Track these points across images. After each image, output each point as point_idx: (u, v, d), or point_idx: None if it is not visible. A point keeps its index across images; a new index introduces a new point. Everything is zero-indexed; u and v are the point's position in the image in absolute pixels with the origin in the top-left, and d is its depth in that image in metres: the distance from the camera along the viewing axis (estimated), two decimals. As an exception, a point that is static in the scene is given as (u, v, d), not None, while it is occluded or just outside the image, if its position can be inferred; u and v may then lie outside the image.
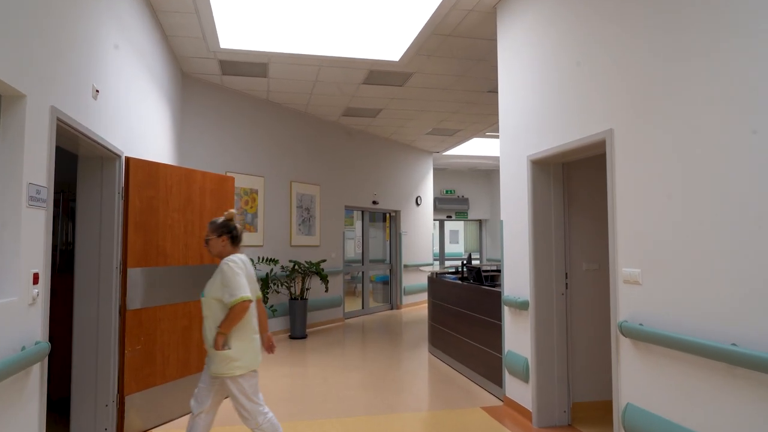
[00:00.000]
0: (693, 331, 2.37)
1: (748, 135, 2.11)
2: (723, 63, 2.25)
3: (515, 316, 4.11)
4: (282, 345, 6.84)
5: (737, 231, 2.16)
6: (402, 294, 10.54)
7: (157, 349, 3.86)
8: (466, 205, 14.36)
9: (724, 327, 2.20)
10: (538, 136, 3.79)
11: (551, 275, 3.89)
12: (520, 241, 4.04)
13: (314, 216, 8.28)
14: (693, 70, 2.41)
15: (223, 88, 6.77)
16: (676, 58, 2.51)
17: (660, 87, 2.61)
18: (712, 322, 2.27)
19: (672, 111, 2.53)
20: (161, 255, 3.90)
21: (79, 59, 2.85)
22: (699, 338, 2.28)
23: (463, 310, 5.34)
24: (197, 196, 4.28)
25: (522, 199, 4.02)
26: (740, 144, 2.15)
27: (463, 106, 7.80)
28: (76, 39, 2.80)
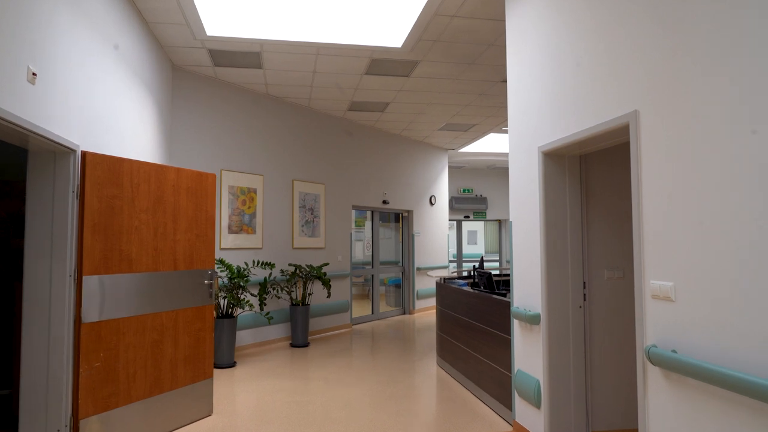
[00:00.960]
0: (744, 365, 1.83)
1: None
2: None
3: (525, 331, 3.59)
4: (281, 354, 6.42)
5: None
6: (415, 298, 10.04)
7: (120, 366, 3.46)
8: (485, 204, 13.78)
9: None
10: (551, 123, 3.27)
11: (566, 285, 3.36)
12: (531, 245, 3.53)
13: (318, 216, 7.85)
14: (746, 30, 1.87)
15: (217, 81, 6.38)
16: (721, 20, 1.97)
17: (698, 57, 2.08)
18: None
19: (714, 87, 2.00)
20: (125, 261, 3.50)
21: (8, 36, 2.45)
22: (752, 375, 1.75)
23: (472, 321, 4.82)
24: (170, 194, 3.87)
25: (533, 197, 3.50)
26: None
27: (475, 98, 7.27)
28: (4, 11, 2.40)
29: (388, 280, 10.15)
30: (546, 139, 3.33)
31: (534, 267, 3.48)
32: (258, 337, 6.75)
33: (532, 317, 3.39)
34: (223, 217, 6.34)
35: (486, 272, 5.25)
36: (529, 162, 3.57)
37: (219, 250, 6.29)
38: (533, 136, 3.51)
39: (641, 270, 2.40)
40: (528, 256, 3.58)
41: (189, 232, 4.02)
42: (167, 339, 3.81)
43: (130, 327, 3.53)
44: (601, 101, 2.73)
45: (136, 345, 3.57)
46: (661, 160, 2.29)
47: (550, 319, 3.31)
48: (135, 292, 3.57)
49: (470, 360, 4.82)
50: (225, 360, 5.71)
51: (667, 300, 2.23)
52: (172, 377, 3.84)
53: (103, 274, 3.35)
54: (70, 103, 3.14)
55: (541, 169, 3.38)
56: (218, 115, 6.40)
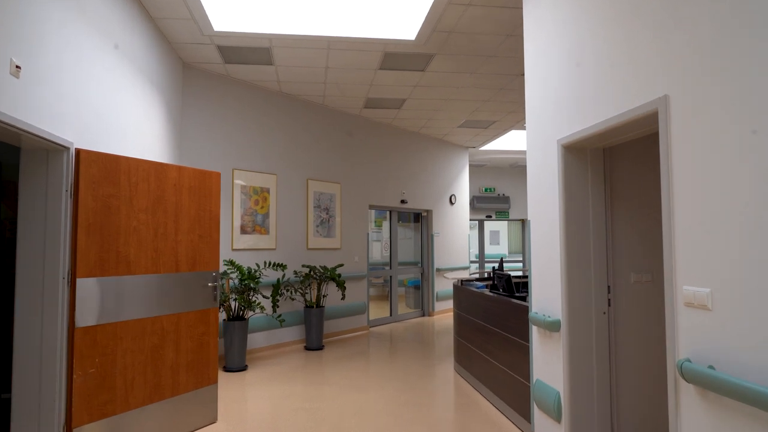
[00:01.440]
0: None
1: None
2: None
3: (544, 338, 3.33)
4: (294, 357, 6.27)
5: None
6: (434, 300, 9.79)
7: (118, 371, 3.32)
8: (507, 204, 13.43)
9: None
10: (571, 114, 3.01)
11: (589, 289, 3.09)
12: (550, 246, 3.27)
13: (334, 216, 7.67)
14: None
15: (228, 79, 6.26)
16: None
17: (739, 32, 1.81)
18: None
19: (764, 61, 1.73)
20: (123, 262, 3.37)
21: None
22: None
23: (489, 326, 4.57)
24: (171, 194, 3.73)
25: (552, 194, 3.24)
26: None
27: (495, 93, 6.99)
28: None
29: (407, 281, 9.93)
30: (566, 132, 3.07)
31: (553, 269, 3.22)
32: (271, 340, 6.61)
33: (551, 324, 3.14)
34: (235, 218, 6.22)
35: (505, 274, 5.00)
36: (547, 156, 3.31)
37: (231, 251, 6.17)
38: (552, 128, 3.25)
39: (672, 274, 2.14)
40: (547, 258, 3.32)
41: (192, 232, 3.87)
42: (168, 344, 3.67)
43: (128, 331, 3.39)
44: (626, 87, 2.46)
45: (135, 350, 3.44)
46: (695, 149, 2.02)
47: (572, 326, 3.05)
48: (134, 295, 3.43)
49: (487, 366, 4.57)
50: (236, 363, 5.58)
51: (703, 308, 1.97)
52: (173, 383, 3.69)
53: (99, 277, 3.22)
54: (63, 100, 3.02)
55: (560, 164, 3.12)
56: (230, 114, 6.28)
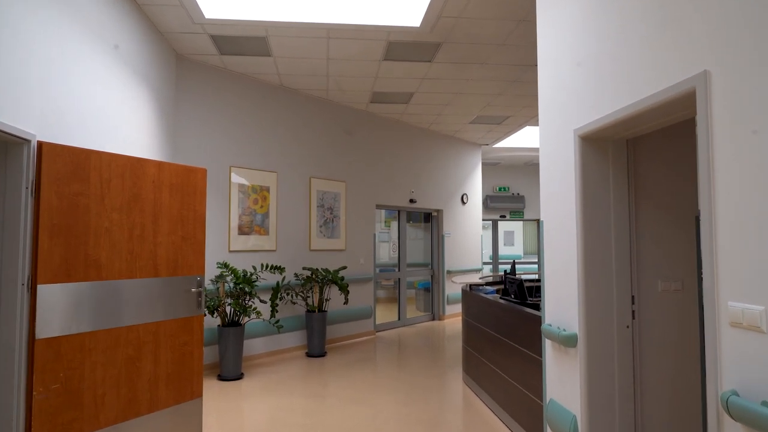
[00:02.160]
0: None
1: None
2: None
3: (559, 353, 2.96)
4: (294, 364, 5.95)
5: None
6: (445, 303, 9.42)
7: (86, 387, 3.03)
8: (522, 203, 13.00)
9: None
10: (589, 100, 2.63)
11: (610, 299, 2.71)
12: (565, 250, 2.89)
13: (338, 216, 7.35)
14: None
15: (226, 71, 5.97)
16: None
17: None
18: None
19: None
20: (93, 267, 3.07)
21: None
22: None
23: (499, 336, 4.21)
24: (150, 191, 3.43)
25: (568, 191, 2.87)
26: None
27: (507, 85, 6.60)
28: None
29: (417, 283, 9.58)
30: (583, 120, 2.70)
31: (569, 276, 2.85)
32: (271, 346, 6.31)
33: (566, 338, 2.76)
34: (232, 217, 5.92)
35: (517, 279, 4.62)
36: (562, 149, 2.94)
37: (228, 252, 5.87)
38: (567, 117, 2.88)
39: (714, 287, 1.76)
40: (562, 264, 2.94)
41: (173, 233, 3.57)
42: (145, 355, 3.37)
43: (98, 342, 3.09)
44: (657, 64, 2.08)
45: (106, 363, 3.14)
46: (743, 136, 1.64)
47: (590, 341, 2.68)
48: (105, 303, 3.13)
49: (497, 380, 4.20)
50: (231, 372, 5.28)
51: (755, 330, 1.59)
52: (151, 398, 3.39)
53: (64, 283, 2.92)
54: (23, 87, 2.72)
55: (578, 157, 2.74)
56: (228, 108, 5.98)
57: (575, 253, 2.77)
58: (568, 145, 2.87)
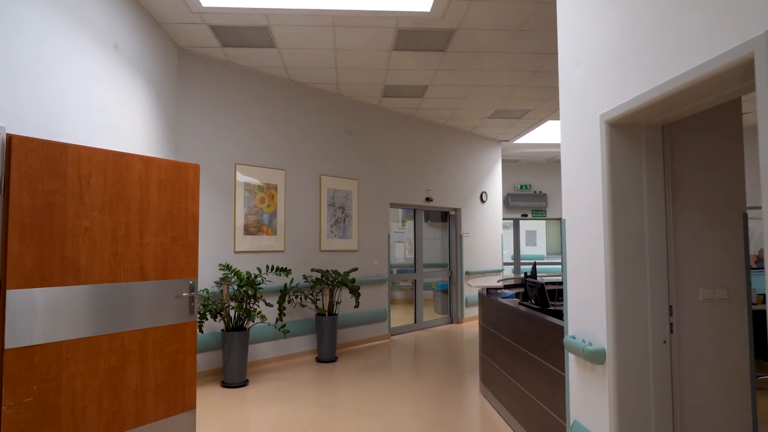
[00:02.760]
0: None
1: None
2: None
3: (584, 370, 2.61)
4: (303, 370, 5.68)
5: None
6: (464, 305, 9.07)
7: (64, 400, 2.79)
8: (545, 201, 12.53)
9: None
10: (619, 81, 2.28)
11: (644, 309, 2.35)
12: (591, 253, 2.54)
13: (350, 216, 7.06)
14: None
15: (230, 65, 5.73)
16: None
17: None
18: None
19: None
20: (70, 270, 2.83)
21: None
22: None
23: (517, 345, 3.86)
24: (135, 189, 3.18)
25: (593, 186, 2.52)
26: None
27: (527, 76, 6.22)
28: None
29: (435, 284, 9.25)
30: (611, 103, 2.35)
31: (596, 284, 2.50)
32: (279, 351, 6.05)
33: (593, 354, 2.41)
34: (237, 217, 5.68)
35: (538, 283, 4.27)
36: (587, 137, 2.59)
37: (233, 253, 5.63)
38: (593, 100, 2.53)
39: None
40: (587, 268, 2.59)
41: (162, 234, 3.32)
42: (131, 364, 3.12)
43: (77, 352, 2.86)
44: (702, 28, 1.73)
45: (87, 374, 2.90)
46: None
47: (621, 358, 2.32)
48: (85, 309, 2.89)
49: (516, 394, 3.86)
50: (235, 378, 5.03)
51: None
52: (138, 411, 3.14)
53: (38, 288, 2.69)
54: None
55: (605, 147, 2.39)
56: (233, 104, 5.74)
57: (602, 256, 2.42)
58: (593, 134, 2.52)
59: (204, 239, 5.37)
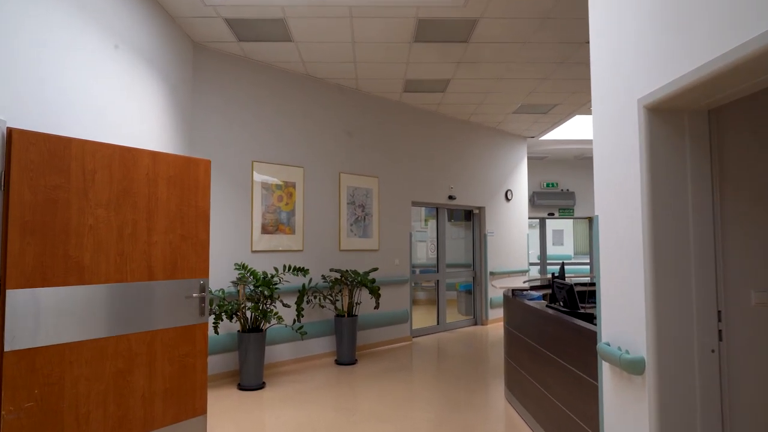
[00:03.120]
0: None
1: None
2: None
3: (621, 381, 2.38)
4: (321, 373, 5.53)
5: None
6: (488, 307, 8.81)
7: (66, 405, 2.68)
8: (572, 200, 12.16)
9: None
10: (660, 59, 2.05)
11: (689, 315, 2.11)
12: (628, 253, 2.31)
13: (371, 214, 6.89)
14: None
15: (246, 60, 5.62)
16: None
17: None
18: None
19: None
20: (74, 270, 2.72)
21: None
22: None
23: (545, 351, 3.63)
24: (143, 185, 3.06)
25: (630, 179, 2.29)
26: None
27: (554, 68, 5.95)
28: None
29: (459, 285, 9.01)
30: (651, 85, 2.11)
31: (633, 286, 2.26)
32: (298, 353, 5.92)
33: (631, 363, 2.18)
34: (255, 216, 5.56)
35: (566, 284, 4.03)
36: (623, 125, 2.35)
37: (251, 253, 5.52)
38: (629, 83, 2.29)
39: None
40: (623, 269, 2.36)
41: (171, 232, 3.20)
42: (138, 368, 3.00)
43: (81, 354, 2.75)
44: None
45: (91, 377, 2.79)
46: None
47: (662, 368, 2.09)
48: (89, 310, 2.78)
49: (544, 402, 3.62)
50: (252, 381, 4.90)
51: None
52: (145, 416, 3.03)
53: (40, 287, 2.58)
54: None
55: (643, 135, 2.16)
56: (250, 100, 5.63)
57: (641, 256, 2.19)
58: (630, 120, 2.29)
59: (220, 238, 5.27)
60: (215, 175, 5.26)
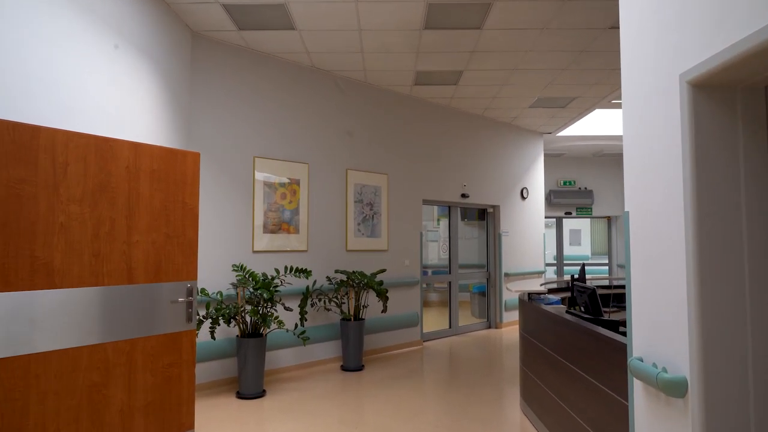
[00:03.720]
0: None
1: None
2: None
3: (657, 403, 2.04)
4: (326, 380, 5.25)
5: None
6: (502, 309, 8.45)
7: (32, 424, 2.42)
8: (590, 198, 11.73)
9: None
10: (706, 26, 1.71)
11: (743, 328, 1.78)
12: (666, 254, 1.97)
13: (379, 213, 6.59)
14: None
15: (248, 51, 5.35)
16: None
17: None
18: None
19: None
20: (41, 272, 2.46)
21: None
22: None
23: (565, 361, 3.29)
24: (122, 179, 2.80)
25: (669, 166, 1.95)
26: None
27: (573, 57, 5.60)
28: None
29: (473, 286, 8.67)
30: (695, 58, 1.78)
31: (673, 293, 1.93)
32: (302, 358, 5.64)
33: (670, 384, 1.85)
34: (256, 214, 5.30)
35: (588, 287, 3.70)
36: (661, 104, 2.02)
37: (252, 253, 5.25)
38: (669, 55, 1.96)
39: None
40: (660, 273, 2.03)
41: (155, 231, 2.93)
42: (116, 380, 2.74)
43: (49, 366, 2.49)
44: None
45: (61, 391, 2.53)
46: None
47: (710, 391, 1.75)
48: (59, 317, 2.52)
49: (564, 418, 3.29)
50: (251, 389, 4.64)
51: None
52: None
53: (1, 292, 2.32)
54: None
55: (686, 116, 1.83)
56: (252, 93, 5.37)
57: (683, 256, 1.86)
58: (670, 99, 1.95)
59: (219, 238, 5.01)
60: (214, 172, 5.01)
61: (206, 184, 4.94)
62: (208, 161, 4.98)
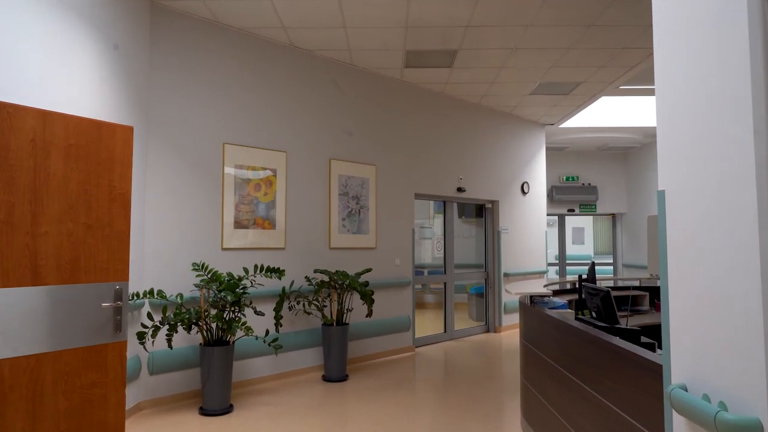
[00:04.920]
0: None
1: None
2: None
3: (709, 450, 1.49)
4: (304, 392, 4.70)
5: None
6: (501, 312, 7.91)
7: None
8: (594, 195, 11.20)
9: None
10: None
11: (842, 352, 1.23)
12: (722, 250, 1.42)
13: (366, 207, 6.04)
14: None
15: (217, 25, 4.81)
16: None
17: None
18: None
19: None
20: None
21: None
22: None
23: (573, 378, 2.75)
24: (26, 155, 2.25)
25: (728, 129, 1.40)
26: None
27: (581, 33, 5.05)
28: None
29: (470, 287, 8.13)
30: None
31: (736, 299, 1.38)
32: (278, 367, 5.10)
33: (737, 428, 1.30)
34: (226, 207, 4.76)
35: (601, 290, 3.17)
36: (713, 32, 1.47)
37: (220, 250, 4.71)
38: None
39: None
40: (712, 276, 1.47)
41: (71, 221, 2.39)
42: (14, 406, 2.19)
43: None
44: None
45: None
46: None
47: (794, 442, 1.21)
48: (-68, 328, 1.97)
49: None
50: (215, 404, 4.09)
51: None
52: (26, 472, 2.21)
53: None
54: None
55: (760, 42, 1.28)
56: (221, 73, 4.82)
57: (753, 250, 1.30)
58: (730, 20, 1.40)
59: (181, 233, 4.47)
60: (176, 159, 4.47)
61: (167, 172, 4.40)
62: (170, 147, 4.43)
